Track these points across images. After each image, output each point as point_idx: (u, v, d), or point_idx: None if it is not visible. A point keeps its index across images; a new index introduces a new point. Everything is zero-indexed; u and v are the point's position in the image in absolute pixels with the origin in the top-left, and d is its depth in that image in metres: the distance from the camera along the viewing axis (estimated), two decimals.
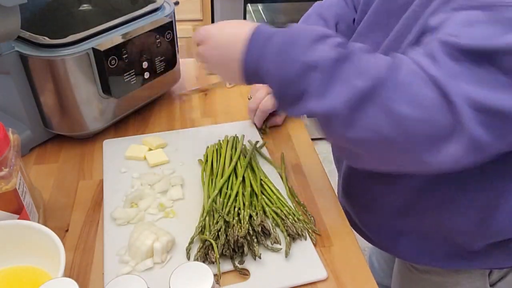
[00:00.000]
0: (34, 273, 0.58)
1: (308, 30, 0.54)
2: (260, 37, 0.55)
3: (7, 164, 0.59)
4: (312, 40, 0.52)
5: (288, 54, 0.52)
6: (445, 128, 0.46)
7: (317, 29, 0.54)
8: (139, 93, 0.90)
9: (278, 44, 0.53)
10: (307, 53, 0.51)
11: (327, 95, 0.50)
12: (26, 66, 0.76)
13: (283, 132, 0.92)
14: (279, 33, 0.54)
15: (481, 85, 0.45)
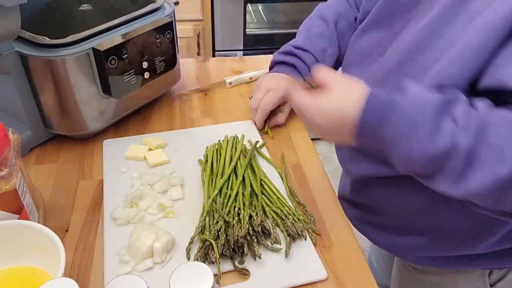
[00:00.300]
0: (34, 273, 0.58)
1: (426, 106, 0.49)
2: (375, 114, 0.51)
3: (7, 164, 0.59)
4: (434, 120, 0.48)
5: (412, 141, 0.49)
6: None
7: (434, 102, 0.49)
8: (139, 93, 0.90)
9: (398, 129, 0.50)
10: (434, 140, 0.48)
11: (463, 181, 0.48)
12: (26, 66, 0.76)
13: (283, 132, 0.92)
14: (394, 112, 0.50)
15: None
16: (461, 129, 0.48)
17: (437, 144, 0.48)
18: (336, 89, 0.55)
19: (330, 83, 0.56)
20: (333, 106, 0.54)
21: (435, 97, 0.50)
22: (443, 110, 0.49)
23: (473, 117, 0.48)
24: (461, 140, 0.47)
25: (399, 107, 0.50)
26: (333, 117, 0.54)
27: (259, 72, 1.10)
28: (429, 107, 0.49)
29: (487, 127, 0.47)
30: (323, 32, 0.90)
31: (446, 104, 0.50)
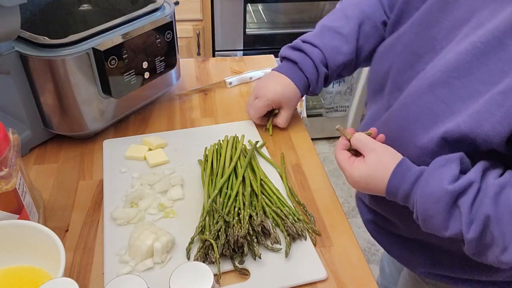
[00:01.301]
0: (34, 273, 0.58)
1: (437, 198, 0.56)
2: (399, 195, 0.61)
3: (7, 164, 0.59)
4: (446, 214, 0.55)
5: (427, 224, 0.58)
6: None
7: (446, 194, 0.55)
8: (139, 93, 0.90)
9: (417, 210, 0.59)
10: (447, 225, 0.56)
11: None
12: (26, 66, 0.76)
13: (283, 132, 0.92)
14: (415, 197, 0.59)
15: None
16: (468, 223, 0.54)
17: (451, 229, 0.56)
18: (370, 159, 0.64)
19: (365, 151, 0.65)
20: (367, 174, 0.64)
21: (448, 192, 0.55)
22: (453, 204, 0.55)
23: (479, 211, 0.53)
24: (469, 235, 0.54)
25: (417, 198, 0.58)
26: (366, 182, 0.64)
27: (259, 72, 1.10)
28: (442, 202, 0.55)
29: (491, 222, 0.52)
30: (341, 28, 0.84)
31: (456, 198, 0.55)
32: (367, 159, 0.64)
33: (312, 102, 2.27)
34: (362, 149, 0.65)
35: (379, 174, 0.62)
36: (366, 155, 0.64)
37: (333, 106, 2.22)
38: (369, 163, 0.64)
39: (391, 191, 0.61)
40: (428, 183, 0.57)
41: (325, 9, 1.97)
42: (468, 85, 0.55)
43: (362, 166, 0.64)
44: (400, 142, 0.64)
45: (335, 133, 2.38)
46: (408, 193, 0.60)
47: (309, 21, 2.04)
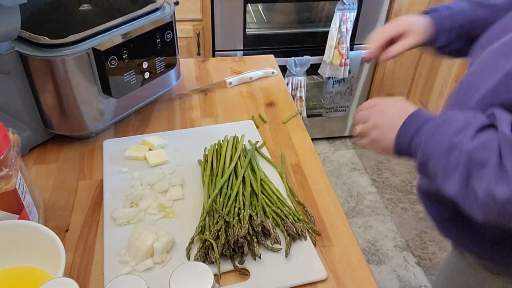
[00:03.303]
0: (34, 273, 0.58)
1: (454, 121, 0.58)
2: (419, 118, 0.62)
3: (7, 164, 0.59)
4: (458, 128, 0.56)
5: (438, 134, 0.58)
6: None
7: (460, 121, 0.57)
8: (139, 93, 0.90)
9: (432, 126, 0.60)
10: (452, 137, 0.56)
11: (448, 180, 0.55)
12: (26, 66, 0.76)
13: (283, 132, 0.92)
14: (434, 118, 0.61)
15: None
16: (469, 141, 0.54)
17: (452, 139, 0.55)
18: (398, 101, 0.67)
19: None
20: (404, 101, 0.66)
21: (460, 118, 0.57)
22: (462, 128, 0.56)
23: (491, 143, 0.53)
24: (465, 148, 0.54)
25: (432, 120, 0.60)
26: (398, 106, 0.66)
27: (259, 72, 1.10)
28: (454, 122, 0.57)
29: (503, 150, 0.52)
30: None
31: (466, 127, 0.56)
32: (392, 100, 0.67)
33: (312, 102, 2.27)
34: (382, 100, 0.68)
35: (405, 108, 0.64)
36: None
37: (333, 106, 2.22)
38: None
39: (414, 115, 0.62)
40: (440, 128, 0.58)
41: (325, 9, 1.97)
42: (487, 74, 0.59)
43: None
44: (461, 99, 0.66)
45: (335, 133, 2.38)
46: (423, 123, 0.60)
47: (309, 21, 2.04)
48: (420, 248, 1.80)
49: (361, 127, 0.70)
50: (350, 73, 2.06)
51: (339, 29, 1.88)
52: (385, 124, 0.65)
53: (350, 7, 1.85)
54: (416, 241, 1.82)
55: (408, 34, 0.87)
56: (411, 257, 1.76)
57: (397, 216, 1.93)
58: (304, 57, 1.98)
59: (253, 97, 1.04)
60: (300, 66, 2.00)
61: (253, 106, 1.00)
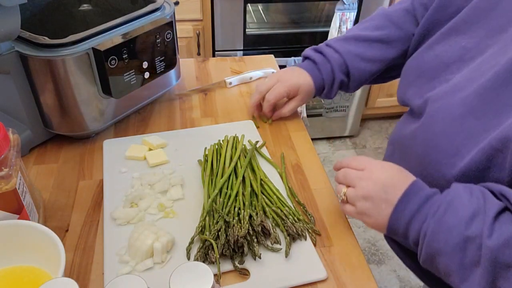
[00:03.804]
0: (34, 273, 0.58)
1: (462, 207, 0.50)
2: (418, 195, 0.54)
3: (7, 164, 0.59)
4: (469, 217, 0.49)
5: (446, 224, 0.50)
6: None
7: (469, 207, 0.50)
8: (139, 93, 0.90)
9: (436, 212, 0.52)
10: (465, 229, 0.49)
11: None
12: (26, 66, 0.76)
13: (283, 132, 0.92)
14: (434, 197, 0.54)
15: None
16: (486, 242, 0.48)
17: (466, 232, 0.49)
18: (389, 166, 0.59)
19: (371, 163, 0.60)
20: (397, 168, 0.59)
21: (468, 205, 0.50)
22: (474, 217, 0.49)
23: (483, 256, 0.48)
24: (484, 251, 0.47)
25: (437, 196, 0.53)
26: (392, 175, 0.57)
27: (259, 72, 1.10)
28: (464, 209, 0.50)
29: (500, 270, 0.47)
30: (368, 36, 0.86)
31: (477, 216, 0.49)
32: (380, 162, 0.60)
33: (312, 102, 2.27)
34: (369, 161, 0.61)
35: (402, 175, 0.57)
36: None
37: (333, 106, 2.22)
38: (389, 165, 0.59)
39: (411, 192, 0.55)
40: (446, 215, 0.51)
41: (325, 9, 1.97)
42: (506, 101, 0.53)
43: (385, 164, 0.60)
44: (429, 161, 0.60)
45: (335, 133, 2.38)
46: (418, 214, 0.53)
47: (309, 21, 2.04)
48: None
49: (346, 191, 0.62)
50: None
51: (339, 29, 1.88)
52: (377, 198, 0.56)
53: (350, 7, 1.85)
54: None
55: (294, 96, 0.90)
56: None
57: None
58: None
59: None
60: None
61: None
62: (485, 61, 0.58)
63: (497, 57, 0.56)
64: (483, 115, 0.54)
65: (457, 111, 0.57)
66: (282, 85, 0.88)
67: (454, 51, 0.63)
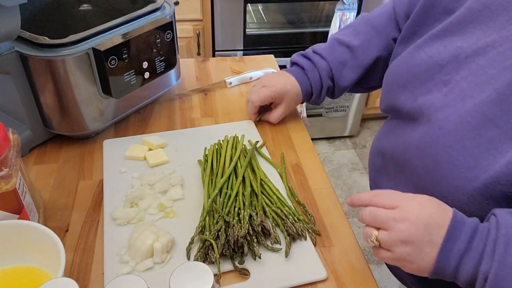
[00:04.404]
0: (34, 273, 0.58)
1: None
2: (463, 229, 0.50)
3: (7, 164, 0.59)
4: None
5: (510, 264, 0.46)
6: None
7: None
8: (139, 93, 0.90)
9: (495, 249, 0.47)
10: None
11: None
12: (26, 66, 0.76)
13: (283, 132, 0.92)
14: (485, 231, 0.49)
15: None
16: None
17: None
18: (428, 203, 0.53)
19: (400, 200, 0.53)
20: (436, 202, 0.52)
21: None
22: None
23: None
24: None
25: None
26: (432, 212, 0.51)
27: (259, 72, 1.10)
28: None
29: None
30: (351, 42, 0.86)
31: None
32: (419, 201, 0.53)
33: None
34: (397, 200, 0.54)
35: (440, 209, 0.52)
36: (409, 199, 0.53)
37: (333, 106, 2.22)
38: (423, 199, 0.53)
39: (457, 230, 0.50)
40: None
41: (325, 9, 1.97)
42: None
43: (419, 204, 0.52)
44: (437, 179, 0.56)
45: (335, 133, 2.37)
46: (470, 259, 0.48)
47: (309, 21, 2.04)
48: None
49: (378, 235, 0.53)
50: None
51: (339, 29, 1.88)
52: (419, 241, 0.50)
53: (350, 7, 1.85)
54: None
55: (279, 102, 0.90)
56: None
57: None
58: None
59: None
60: None
61: None
62: (491, 63, 0.55)
63: (507, 60, 0.53)
64: (505, 123, 0.51)
65: (473, 120, 0.53)
66: (268, 90, 0.88)
67: (449, 52, 0.61)
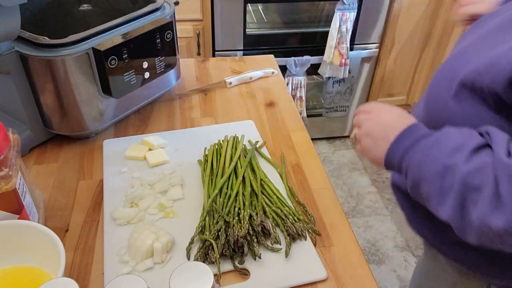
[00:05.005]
0: (34, 273, 0.58)
1: (448, 141, 0.55)
2: (413, 134, 0.59)
3: (7, 164, 0.59)
4: (452, 149, 0.53)
5: (431, 155, 0.55)
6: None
7: (454, 142, 0.54)
8: (139, 93, 0.90)
9: (425, 146, 0.56)
10: (446, 158, 0.53)
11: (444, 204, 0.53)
12: (26, 66, 0.76)
13: (283, 132, 0.92)
14: (428, 135, 0.58)
15: None
16: (465, 163, 0.51)
17: (446, 161, 0.52)
18: (395, 110, 0.65)
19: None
20: (403, 113, 0.64)
21: (456, 136, 0.54)
22: (459, 147, 0.53)
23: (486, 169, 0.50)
24: (460, 171, 0.51)
25: (430, 135, 0.57)
26: (394, 118, 0.62)
27: (259, 72, 1.10)
28: (451, 141, 0.54)
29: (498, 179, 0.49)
30: None
31: (463, 146, 0.53)
32: (389, 107, 0.65)
33: (312, 102, 2.27)
34: (379, 106, 0.66)
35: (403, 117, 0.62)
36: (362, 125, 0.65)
37: (333, 106, 2.22)
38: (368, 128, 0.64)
39: (408, 131, 0.59)
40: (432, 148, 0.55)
41: (325, 9, 1.97)
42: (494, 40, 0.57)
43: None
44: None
45: (335, 133, 2.37)
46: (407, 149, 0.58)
47: (309, 21, 2.04)
48: (420, 248, 1.79)
49: (355, 132, 0.68)
50: (350, 73, 2.06)
51: (339, 29, 1.88)
52: (377, 135, 0.63)
53: (350, 7, 1.85)
54: (416, 241, 1.82)
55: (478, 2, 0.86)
56: (411, 257, 1.76)
57: (397, 216, 1.93)
58: (304, 57, 1.98)
59: (253, 97, 1.04)
60: (300, 66, 2.00)
61: (253, 106, 1.00)
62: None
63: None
64: None
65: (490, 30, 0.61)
66: None
67: None
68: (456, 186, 0.51)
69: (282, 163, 0.82)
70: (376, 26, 1.99)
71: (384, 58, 2.12)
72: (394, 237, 1.84)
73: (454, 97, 0.59)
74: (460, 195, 0.50)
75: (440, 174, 0.53)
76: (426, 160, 0.55)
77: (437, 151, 0.54)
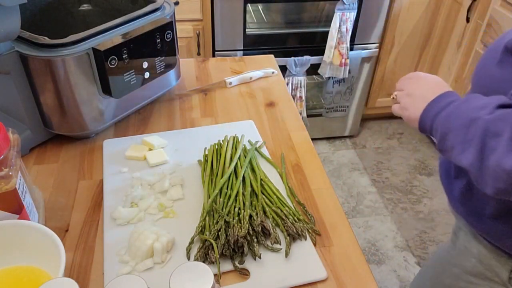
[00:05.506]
0: (34, 273, 0.58)
1: (476, 101, 0.60)
2: (449, 97, 0.64)
3: (7, 164, 0.59)
4: (479, 106, 0.58)
5: (459, 110, 0.61)
6: None
7: (482, 101, 0.59)
8: (139, 93, 0.90)
9: (455, 104, 0.62)
10: (473, 113, 0.58)
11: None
12: (26, 66, 0.76)
13: (283, 132, 0.92)
14: (460, 100, 0.63)
15: None
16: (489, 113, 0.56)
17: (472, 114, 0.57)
18: (436, 79, 0.71)
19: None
20: (442, 81, 0.70)
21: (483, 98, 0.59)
22: (487, 104, 0.57)
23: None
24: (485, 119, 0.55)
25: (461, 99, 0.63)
26: (434, 85, 0.68)
27: (259, 72, 1.10)
28: (479, 100, 0.59)
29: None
30: None
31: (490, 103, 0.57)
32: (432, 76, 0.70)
33: (312, 102, 2.27)
34: (423, 74, 0.71)
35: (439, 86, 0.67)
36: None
37: (333, 106, 2.22)
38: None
39: (444, 95, 0.65)
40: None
41: (325, 9, 1.97)
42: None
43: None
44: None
45: (335, 133, 2.37)
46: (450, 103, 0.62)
47: (309, 21, 2.04)
48: (420, 248, 1.80)
49: (396, 93, 0.74)
50: (350, 73, 2.06)
51: (339, 29, 1.88)
52: (417, 95, 0.68)
53: (350, 7, 1.85)
54: (416, 241, 1.82)
55: None
56: (411, 257, 1.76)
57: (397, 216, 1.93)
58: (304, 57, 1.98)
59: (253, 97, 1.04)
60: (300, 66, 2.00)
61: (253, 106, 1.00)
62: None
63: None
64: None
65: None
66: None
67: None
68: (478, 133, 0.55)
69: (282, 163, 0.82)
70: (376, 26, 1.99)
71: (384, 58, 2.13)
72: (394, 237, 1.84)
73: (498, 63, 0.64)
74: (481, 141, 0.54)
75: (465, 125, 0.57)
76: (455, 113, 0.60)
77: (466, 106, 0.59)
